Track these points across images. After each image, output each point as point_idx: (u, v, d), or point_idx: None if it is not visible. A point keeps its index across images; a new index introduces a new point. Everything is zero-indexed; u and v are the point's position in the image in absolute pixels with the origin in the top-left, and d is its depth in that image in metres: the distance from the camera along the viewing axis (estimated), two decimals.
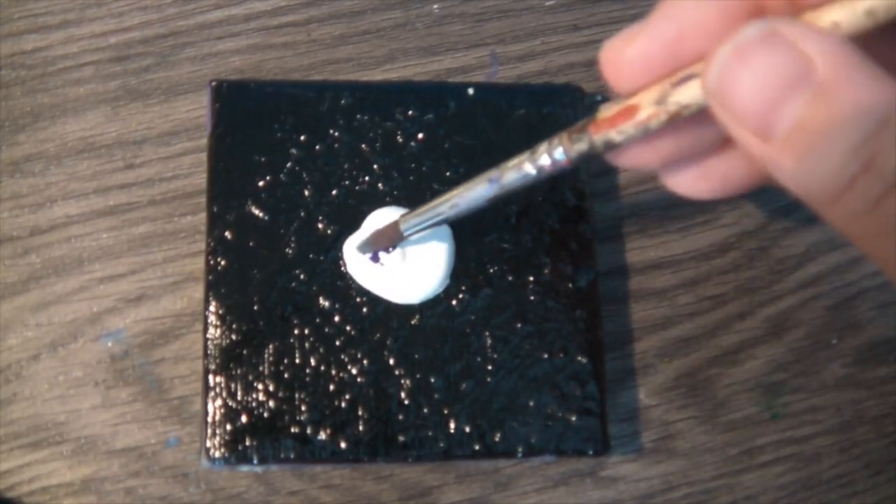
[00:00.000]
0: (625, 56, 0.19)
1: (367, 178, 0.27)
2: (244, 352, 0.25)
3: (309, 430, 0.25)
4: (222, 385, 0.25)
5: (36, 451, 0.26)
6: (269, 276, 0.26)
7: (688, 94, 0.18)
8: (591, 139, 0.20)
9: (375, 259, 0.26)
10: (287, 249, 0.26)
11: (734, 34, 0.17)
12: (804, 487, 0.28)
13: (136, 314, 0.27)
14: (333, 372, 0.25)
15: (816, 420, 0.28)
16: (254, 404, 0.25)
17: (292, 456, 0.25)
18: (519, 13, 0.31)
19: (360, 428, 0.25)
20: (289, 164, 0.27)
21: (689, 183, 0.22)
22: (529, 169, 0.21)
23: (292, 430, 0.25)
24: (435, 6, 0.31)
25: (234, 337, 0.25)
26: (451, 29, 0.30)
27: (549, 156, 0.21)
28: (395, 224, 0.25)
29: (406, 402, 0.25)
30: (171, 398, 0.27)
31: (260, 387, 0.25)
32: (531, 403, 0.25)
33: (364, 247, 0.26)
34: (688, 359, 0.28)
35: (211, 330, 0.25)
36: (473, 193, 0.23)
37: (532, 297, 0.26)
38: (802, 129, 0.16)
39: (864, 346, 0.29)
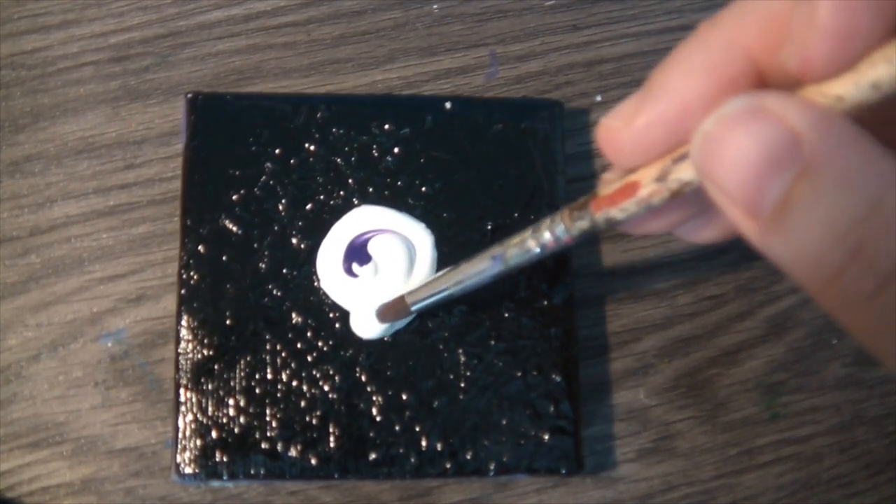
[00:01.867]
0: (624, 137, 0.18)
1: (341, 193, 0.27)
2: (216, 367, 0.25)
3: (279, 447, 0.25)
4: (193, 400, 0.25)
5: (36, 452, 0.26)
6: (242, 291, 0.26)
7: (689, 172, 0.17)
8: (593, 217, 0.19)
9: (350, 272, 0.26)
10: (260, 264, 0.26)
11: (719, 107, 0.16)
12: (804, 487, 0.28)
13: (136, 314, 0.27)
14: (305, 388, 0.25)
15: (816, 420, 0.28)
16: (225, 420, 0.25)
17: (262, 472, 0.25)
18: (519, 13, 0.31)
19: (332, 444, 0.25)
20: (263, 178, 0.27)
21: (696, 232, 0.21)
22: (533, 246, 0.21)
23: (263, 445, 0.25)
24: (435, 6, 0.31)
25: (205, 352, 0.25)
26: (450, 29, 0.30)
27: (551, 233, 0.20)
28: (402, 299, 0.25)
29: (378, 418, 0.25)
30: (170, 398, 0.27)
31: (231, 402, 0.25)
32: (504, 422, 0.25)
33: (378, 319, 0.26)
34: (688, 359, 0.28)
35: (183, 344, 0.25)
36: (477, 270, 0.23)
37: (506, 315, 0.26)
38: (788, 208, 0.15)
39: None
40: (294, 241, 0.26)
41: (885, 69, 0.15)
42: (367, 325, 0.26)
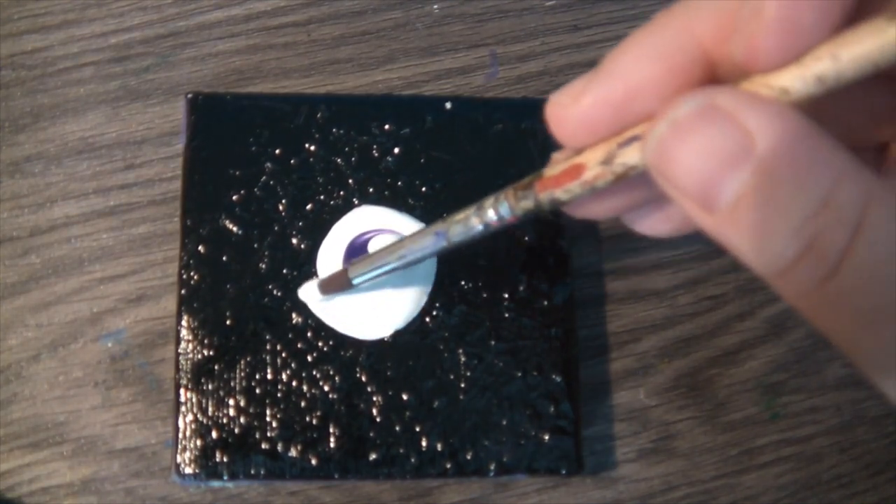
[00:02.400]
0: (571, 114, 0.18)
1: (341, 193, 0.27)
2: (216, 367, 0.25)
3: (280, 447, 0.25)
4: (193, 400, 0.25)
5: (36, 452, 0.26)
6: (242, 291, 0.26)
7: (634, 156, 0.17)
8: (537, 197, 0.20)
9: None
10: (260, 264, 0.26)
11: (670, 107, 0.16)
12: (804, 487, 0.28)
13: (136, 314, 0.27)
14: (305, 388, 0.25)
15: (816, 420, 0.28)
16: (225, 420, 0.25)
17: (263, 472, 0.25)
18: (519, 13, 0.31)
19: (332, 445, 0.25)
20: (263, 178, 0.27)
21: (651, 224, 0.21)
22: (475, 224, 0.21)
23: (263, 446, 0.25)
24: (435, 6, 0.31)
25: (205, 352, 0.25)
26: (451, 29, 0.30)
27: (495, 211, 0.21)
28: (344, 272, 0.25)
29: (378, 419, 0.25)
30: (171, 398, 0.27)
31: (231, 402, 0.25)
32: (504, 422, 0.25)
33: (319, 290, 0.26)
34: (688, 359, 0.28)
35: (183, 344, 0.25)
36: (420, 246, 0.22)
37: (507, 315, 0.26)
38: (742, 205, 0.15)
39: None
40: (294, 241, 0.26)
41: (829, 63, 0.15)
42: (311, 293, 0.26)
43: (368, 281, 0.24)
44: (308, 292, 0.26)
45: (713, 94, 0.16)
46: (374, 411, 0.25)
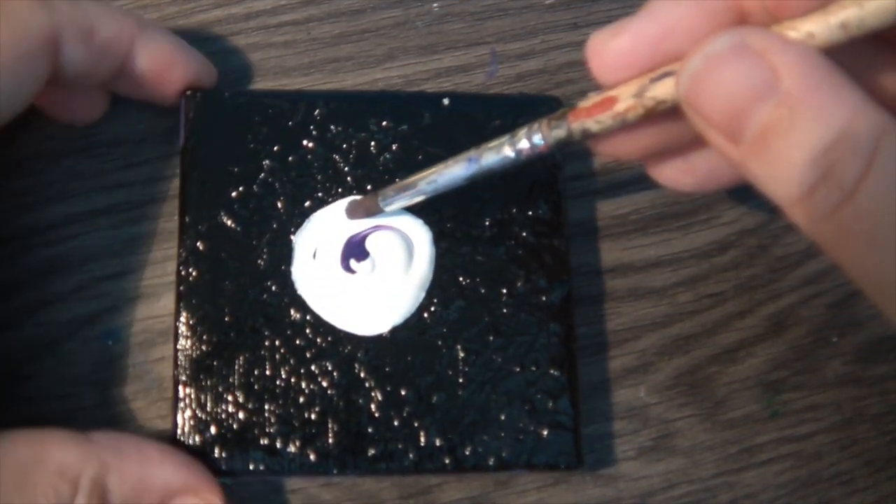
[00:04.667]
0: (610, 49, 0.20)
1: (340, 190, 0.27)
2: (214, 363, 0.25)
3: (278, 443, 0.25)
4: (192, 396, 0.25)
5: None
6: (241, 288, 0.26)
7: (664, 91, 0.19)
8: (569, 127, 0.21)
9: (347, 268, 0.26)
10: (259, 261, 0.26)
11: (705, 43, 0.18)
12: (804, 485, 0.28)
13: (136, 313, 0.27)
14: (304, 384, 0.25)
15: (817, 418, 0.28)
16: (223, 416, 0.25)
17: (262, 468, 0.25)
18: (519, 11, 0.31)
19: (330, 440, 0.25)
20: (262, 175, 0.27)
21: (674, 175, 0.23)
22: (508, 151, 0.22)
23: (262, 441, 0.25)
24: (435, 4, 0.31)
25: (204, 348, 0.25)
26: (451, 27, 0.30)
27: (528, 140, 0.22)
28: (374, 196, 0.25)
29: (376, 414, 0.25)
30: (170, 397, 0.27)
31: (230, 398, 0.25)
32: (503, 417, 0.25)
33: (347, 213, 0.26)
34: (688, 357, 0.28)
35: (181, 341, 0.25)
36: (452, 171, 0.23)
37: (505, 310, 0.26)
38: (767, 135, 0.17)
39: (864, 343, 0.29)
40: (293, 237, 0.26)
41: (853, 11, 0.17)
42: (309, 286, 0.26)
43: (398, 206, 0.25)
44: (305, 280, 0.26)
45: (744, 34, 0.18)
46: (373, 407, 0.25)
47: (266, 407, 0.25)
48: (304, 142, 0.27)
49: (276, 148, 0.27)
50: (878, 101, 0.18)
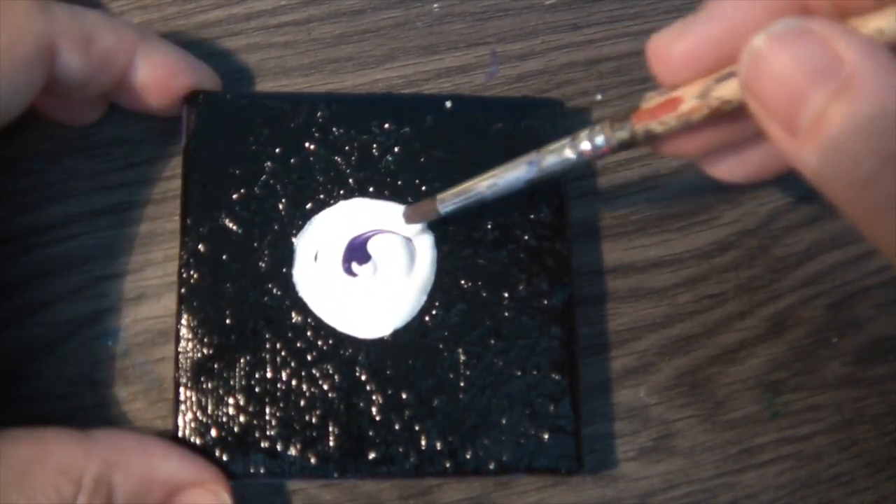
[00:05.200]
0: (673, 51, 0.20)
1: (341, 192, 0.27)
2: (215, 365, 0.25)
3: (279, 446, 0.25)
4: (193, 398, 0.25)
5: None
6: (242, 290, 0.26)
7: (730, 90, 0.19)
8: (633, 128, 0.20)
9: (349, 270, 0.26)
10: (260, 263, 0.26)
11: (768, 26, 0.17)
12: (804, 486, 0.28)
13: (136, 313, 0.27)
14: (305, 387, 0.25)
15: (817, 419, 0.28)
16: (224, 418, 0.25)
17: (262, 471, 0.25)
18: (519, 12, 0.31)
19: (331, 443, 0.25)
20: (263, 177, 0.26)
21: (728, 168, 0.23)
22: (569, 154, 0.22)
23: (262, 444, 0.25)
24: (435, 5, 0.31)
25: (205, 350, 0.25)
26: (451, 28, 0.30)
27: (591, 142, 0.21)
28: (433, 201, 0.25)
29: (377, 417, 0.25)
30: (170, 397, 0.27)
31: (231, 401, 0.25)
32: (504, 421, 0.25)
33: (405, 218, 0.26)
34: (688, 357, 0.28)
35: (182, 343, 0.25)
36: (512, 175, 0.23)
37: (507, 314, 0.26)
38: (824, 122, 0.16)
39: (864, 344, 0.29)
40: (294, 240, 0.26)
41: None
42: (310, 288, 0.26)
43: (456, 210, 0.25)
44: (307, 283, 0.26)
45: (807, 20, 0.17)
46: (374, 410, 0.25)
47: (267, 409, 0.25)
48: (306, 144, 0.27)
49: (277, 150, 0.27)
50: None
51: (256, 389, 0.25)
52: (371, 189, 0.27)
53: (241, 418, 0.25)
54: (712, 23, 0.19)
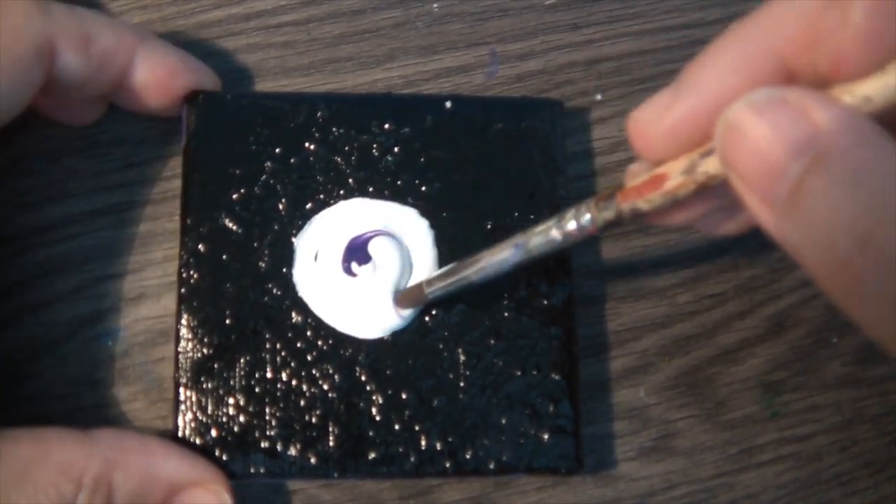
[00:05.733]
0: (656, 130, 0.19)
1: (341, 192, 0.27)
2: (215, 366, 0.25)
3: (279, 446, 0.25)
4: (193, 399, 0.25)
5: None
6: (242, 290, 0.26)
7: (716, 165, 0.18)
8: (619, 208, 0.20)
9: (349, 271, 0.26)
10: (260, 263, 0.26)
11: (744, 96, 0.17)
12: (804, 486, 0.28)
13: (136, 313, 0.27)
14: (304, 387, 0.25)
15: (817, 419, 0.28)
16: (224, 418, 0.25)
17: (262, 471, 0.25)
18: (519, 12, 0.31)
19: (331, 443, 0.25)
20: (263, 177, 0.26)
21: (716, 225, 0.22)
22: (556, 235, 0.21)
23: (262, 444, 0.25)
24: (435, 5, 0.31)
25: (205, 350, 0.25)
26: (451, 28, 0.30)
27: (576, 222, 0.21)
28: (420, 287, 0.25)
29: (377, 418, 0.25)
30: (170, 397, 0.27)
31: (231, 401, 0.25)
32: (503, 421, 0.25)
33: (395, 303, 0.26)
34: (688, 357, 0.28)
35: (182, 343, 0.25)
36: (499, 259, 0.23)
37: (506, 314, 0.26)
38: (801, 196, 0.16)
39: (864, 344, 0.29)
40: (294, 240, 0.26)
41: None
42: (310, 289, 0.26)
43: (444, 296, 0.24)
44: (306, 283, 0.26)
45: (783, 89, 0.16)
46: (374, 410, 0.25)
47: (267, 409, 0.25)
48: (306, 144, 0.27)
49: (277, 150, 0.27)
50: None
51: (256, 389, 0.25)
52: (371, 189, 0.27)
53: (241, 418, 0.25)
54: (693, 97, 0.18)
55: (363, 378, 0.25)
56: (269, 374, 0.25)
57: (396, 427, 0.25)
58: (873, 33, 0.16)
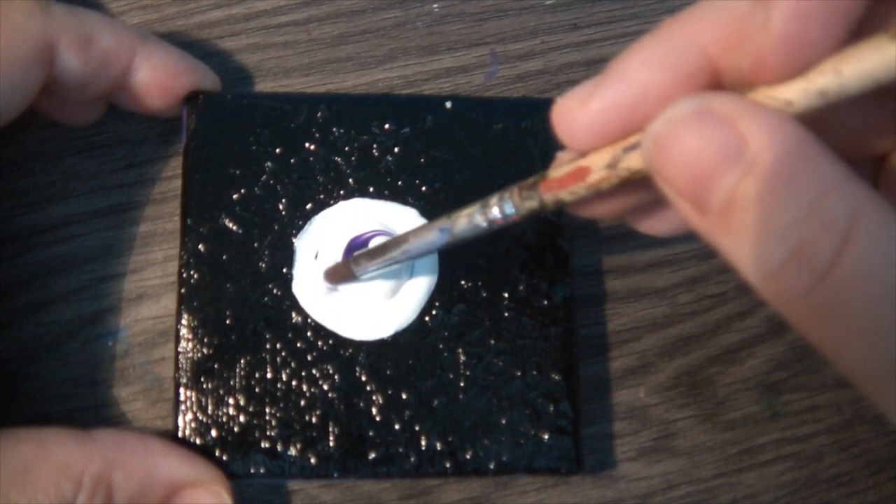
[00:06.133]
0: (578, 118, 0.19)
1: (342, 192, 0.27)
2: (216, 366, 0.25)
3: (279, 446, 0.25)
4: (193, 399, 0.25)
5: None
6: (242, 290, 0.26)
7: (639, 161, 0.18)
8: (542, 198, 0.20)
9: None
10: (260, 263, 0.26)
11: (667, 109, 0.16)
12: (804, 486, 0.28)
13: (137, 313, 0.27)
14: (305, 387, 0.25)
15: (817, 419, 0.28)
16: (224, 419, 0.25)
17: (262, 471, 0.25)
18: (519, 12, 0.31)
19: (331, 444, 0.25)
20: (263, 178, 0.26)
21: (651, 224, 0.22)
22: (480, 221, 0.21)
23: (263, 444, 0.25)
24: (435, 5, 0.31)
25: (205, 351, 0.25)
26: (451, 28, 0.30)
27: (500, 210, 0.21)
28: (347, 264, 0.25)
29: (377, 418, 0.25)
30: (171, 397, 0.27)
31: (231, 401, 0.25)
32: (503, 421, 0.25)
33: (325, 278, 0.26)
34: (688, 357, 0.28)
35: (182, 343, 0.25)
36: (424, 241, 0.23)
37: (506, 314, 0.26)
38: (732, 207, 0.16)
39: None
40: (294, 240, 0.26)
41: (832, 78, 0.16)
42: (309, 290, 0.26)
43: (372, 274, 0.24)
44: (306, 284, 0.26)
45: (710, 98, 0.16)
46: (374, 410, 0.25)
47: (267, 410, 0.25)
48: (306, 144, 0.27)
49: (277, 150, 0.27)
50: (865, 147, 0.16)
51: (256, 389, 0.25)
52: (371, 189, 0.27)
53: (241, 418, 0.25)
54: (619, 89, 0.18)
55: (363, 378, 0.25)
56: (269, 375, 0.25)
57: (396, 427, 0.25)
58: (792, 38, 0.16)
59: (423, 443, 0.25)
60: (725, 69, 0.18)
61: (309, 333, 0.26)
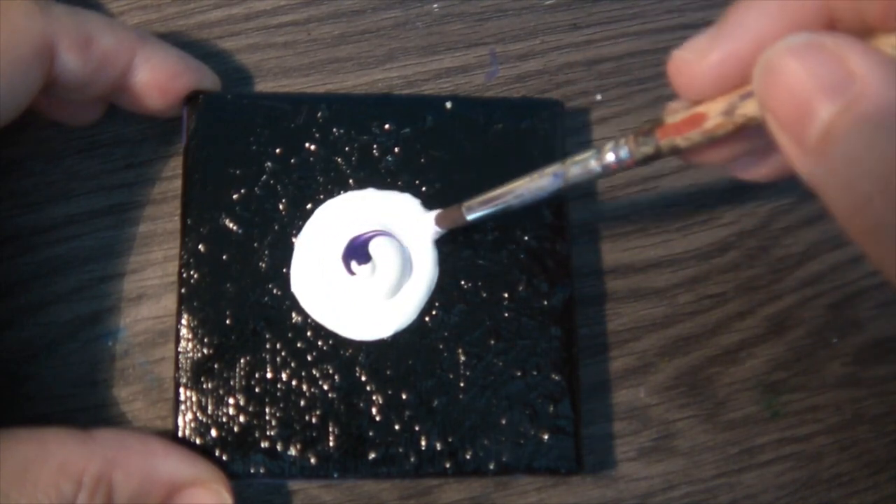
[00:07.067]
0: (697, 69, 0.19)
1: (342, 192, 0.27)
2: (216, 366, 0.25)
3: (279, 446, 0.25)
4: (193, 399, 0.25)
5: None
6: (242, 290, 0.26)
7: (755, 107, 0.18)
8: (658, 143, 0.20)
9: (349, 271, 0.26)
10: (260, 263, 0.26)
11: (782, 39, 0.17)
12: (804, 486, 0.28)
13: (137, 313, 0.27)
14: (305, 387, 0.25)
15: (817, 419, 0.28)
16: (224, 419, 0.25)
17: (262, 471, 0.25)
18: (519, 12, 0.31)
19: (331, 444, 0.25)
20: (263, 177, 0.26)
21: (752, 170, 0.22)
22: (594, 165, 0.22)
23: (262, 444, 0.25)
24: (435, 5, 0.31)
25: (205, 351, 0.25)
26: (451, 28, 0.30)
27: (616, 155, 0.21)
28: (459, 208, 0.25)
29: (377, 418, 0.25)
30: (171, 397, 0.27)
31: (231, 401, 0.25)
32: (503, 421, 0.25)
33: (435, 222, 0.26)
34: (688, 358, 0.28)
35: (182, 343, 0.25)
36: (538, 185, 0.23)
37: (506, 314, 0.26)
38: (830, 136, 0.16)
39: (864, 344, 0.29)
40: (294, 240, 0.26)
41: None
42: (309, 290, 0.26)
43: (482, 217, 0.25)
44: (306, 284, 0.26)
45: (823, 35, 0.17)
46: (374, 410, 0.25)
47: (267, 410, 0.25)
48: (306, 144, 0.27)
49: (277, 150, 0.27)
50: None
51: (256, 389, 0.25)
52: (371, 189, 0.27)
53: (241, 418, 0.25)
54: (735, 38, 0.19)
55: (363, 378, 0.25)
56: (269, 375, 0.25)
57: (396, 427, 0.25)
58: None
59: (423, 443, 0.25)
60: (844, 17, 0.18)
61: (309, 333, 0.26)
